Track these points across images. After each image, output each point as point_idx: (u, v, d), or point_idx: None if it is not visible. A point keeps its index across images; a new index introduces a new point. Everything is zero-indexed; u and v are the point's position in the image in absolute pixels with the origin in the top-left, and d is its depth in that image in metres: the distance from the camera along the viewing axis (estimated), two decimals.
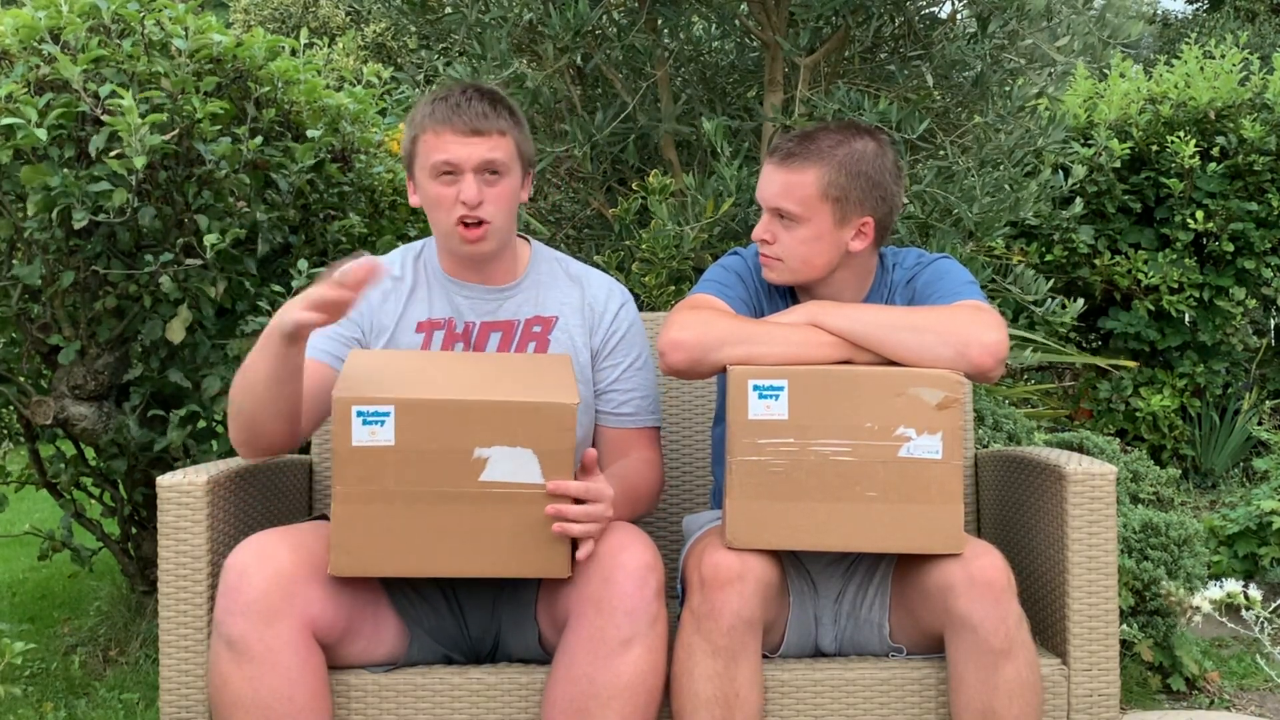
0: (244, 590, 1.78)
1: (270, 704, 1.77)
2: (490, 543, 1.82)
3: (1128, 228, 5.12)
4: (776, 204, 2.03)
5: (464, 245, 2.05)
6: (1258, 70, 5.19)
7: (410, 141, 2.07)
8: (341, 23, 10.95)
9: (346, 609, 1.89)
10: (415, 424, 1.79)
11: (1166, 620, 2.84)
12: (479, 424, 1.80)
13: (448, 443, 1.80)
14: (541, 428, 1.80)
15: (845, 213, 2.01)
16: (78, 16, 2.65)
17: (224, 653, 1.79)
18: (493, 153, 2.01)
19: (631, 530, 1.89)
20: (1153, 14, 16.07)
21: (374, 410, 1.78)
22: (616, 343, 2.15)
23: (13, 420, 3.35)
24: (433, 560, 1.83)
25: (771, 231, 2.05)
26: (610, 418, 2.14)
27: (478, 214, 2.02)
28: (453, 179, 2.02)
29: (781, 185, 2.02)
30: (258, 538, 1.86)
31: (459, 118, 2.01)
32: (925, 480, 1.86)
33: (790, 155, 2.01)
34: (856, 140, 2.03)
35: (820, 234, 2.02)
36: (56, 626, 3.47)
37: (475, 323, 2.11)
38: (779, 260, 2.06)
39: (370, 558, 1.82)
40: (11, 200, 2.71)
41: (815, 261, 2.04)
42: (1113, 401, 5.09)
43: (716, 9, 3.17)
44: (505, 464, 1.80)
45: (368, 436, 1.78)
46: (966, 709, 1.85)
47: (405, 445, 1.79)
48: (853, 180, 2.00)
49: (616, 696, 1.79)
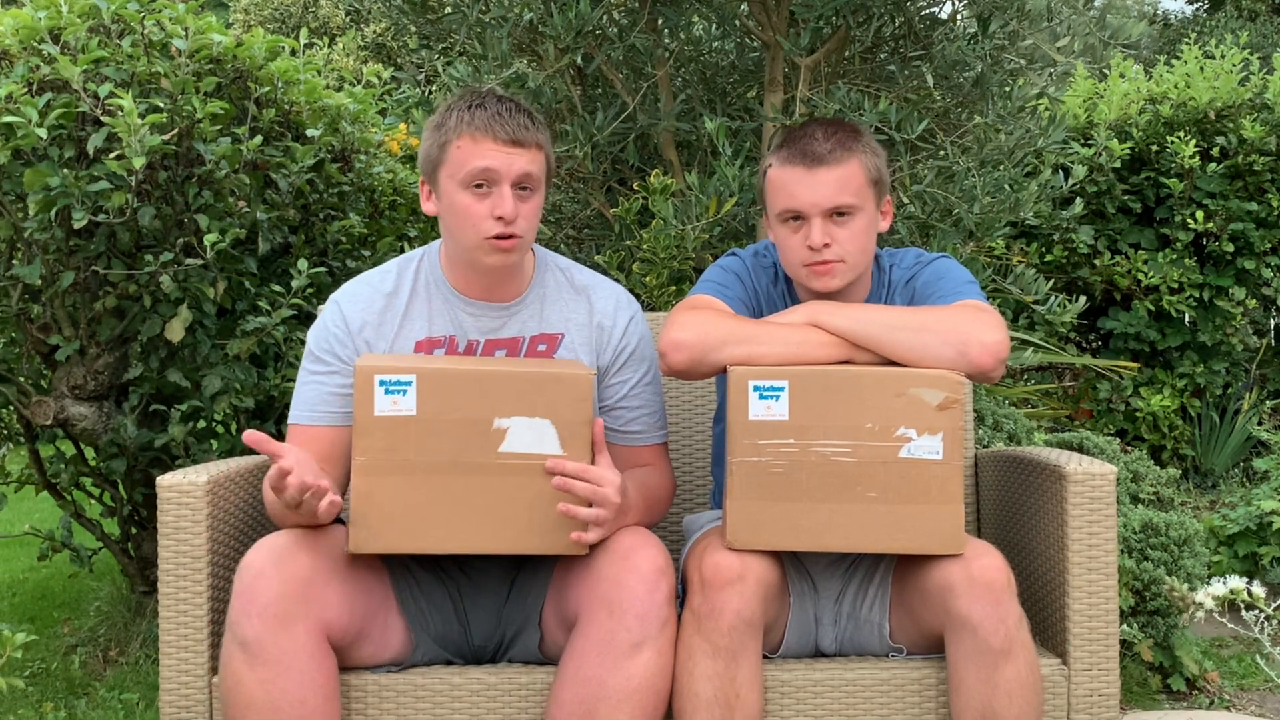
0: (260, 592, 1.77)
1: (282, 707, 1.77)
2: (509, 518, 1.84)
3: (1128, 228, 5.12)
4: (835, 202, 1.99)
5: (493, 256, 1.95)
6: (1258, 70, 5.19)
7: (439, 147, 1.96)
8: (341, 23, 10.96)
9: (360, 612, 1.89)
10: (436, 393, 1.82)
11: (1166, 620, 2.84)
12: (499, 394, 1.83)
13: (468, 412, 1.82)
14: (560, 398, 1.83)
15: (882, 193, 2.07)
16: (78, 17, 2.65)
17: (238, 654, 1.77)
18: (531, 166, 1.94)
19: (644, 534, 1.89)
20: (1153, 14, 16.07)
21: (396, 379, 1.81)
22: (626, 359, 2.09)
23: (13, 420, 3.35)
24: (452, 536, 1.84)
25: (829, 234, 2.00)
26: (618, 436, 2.08)
27: (512, 229, 1.94)
28: (485, 191, 1.93)
29: (835, 182, 1.99)
30: (274, 538, 1.84)
31: (501, 126, 1.92)
32: (926, 481, 1.86)
33: (828, 153, 1.99)
34: (852, 129, 2.06)
35: (870, 220, 2.05)
36: (56, 626, 3.47)
37: (479, 340, 2.04)
38: (840, 262, 2.01)
39: (390, 533, 1.82)
40: (11, 200, 2.71)
41: (870, 249, 2.07)
42: (1113, 402, 5.09)
43: (717, 9, 3.17)
44: (524, 435, 1.83)
45: (390, 406, 1.81)
46: (966, 709, 1.85)
47: (426, 415, 1.81)
48: (879, 161, 2.06)
49: (626, 700, 1.78)
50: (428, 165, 2.00)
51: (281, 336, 2.90)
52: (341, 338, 2.01)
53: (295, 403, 2.03)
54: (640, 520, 1.98)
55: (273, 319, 2.84)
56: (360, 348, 2.02)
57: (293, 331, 2.93)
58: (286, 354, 2.95)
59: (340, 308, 2.04)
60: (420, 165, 2.04)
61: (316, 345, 2.03)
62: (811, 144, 2.01)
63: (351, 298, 2.05)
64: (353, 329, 2.02)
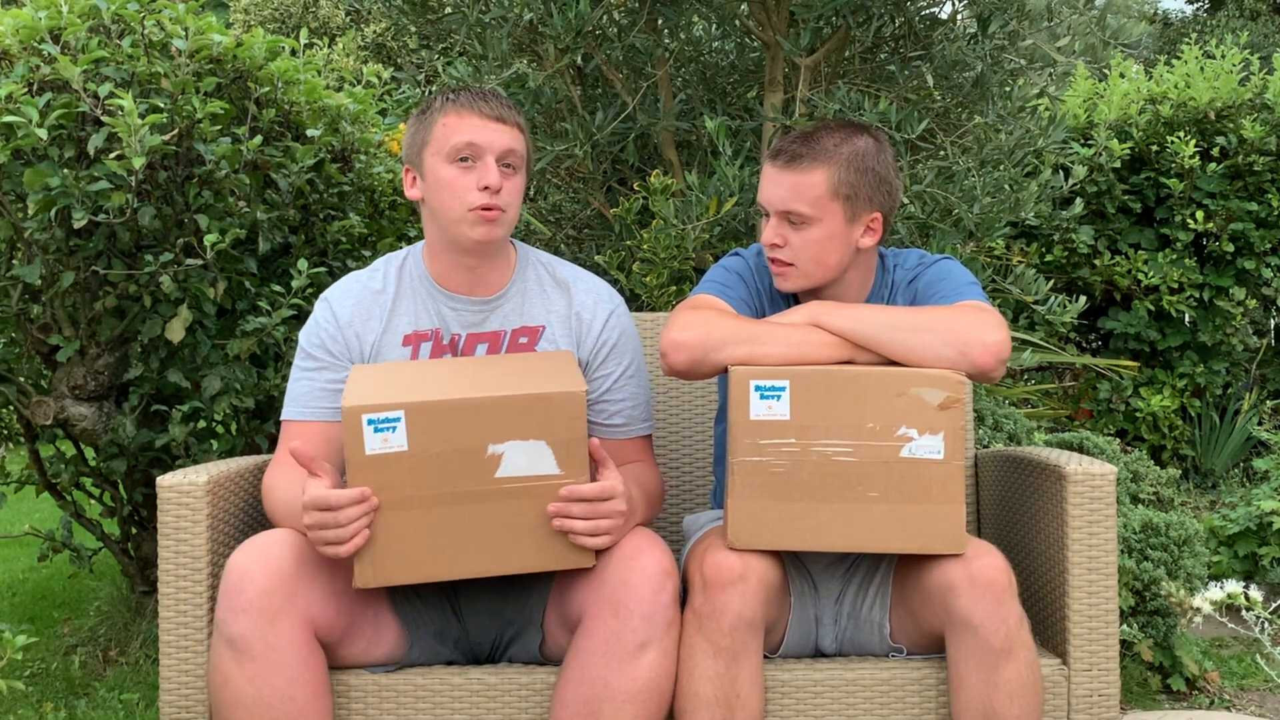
0: (245, 589, 1.78)
1: (271, 703, 1.77)
2: (512, 539, 1.82)
3: (1128, 228, 5.12)
4: (786, 206, 2.01)
5: (478, 229, 1.97)
6: (1258, 70, 5.19)
7: (424, 127, 2.00)
8: (341, 23, 10.96)
9: (348, 609, 1.89)
10: (427, 427, 1.78)
11: (1166, 620, 2.84)
12: (490, 421, 1.79)
13: (461, 443, 1.79)
14: (552, 418, 1.80)
15: (856, 210, 2.01)
16: (78, 17, 2.65)
17: (225, 652, 1.78)
18: (514, 143, 1.99)
19: (648, 535, 1.89)
20: (1153, 14, 16.08)
21: (385, 417, 1.77)
22: (607, 353, 2.10)
23: (13, 420, 3.35)
24: (457, 563, 1.82)
25: (781, 235, 2.03)
26: (601, 429, 2.09)
27: (497, 201, 1.97)
28: (470, 165, 1.97)
29: (790, 187, 2.00)
30: (259, 538, 1.85)
31: (485, 103, 1.98)
32: (927, 480, 1.86)
33: (796, 157, 2.00)
34: (858, 138, 2.03)
35: (832, 233, 2.01)
36: (56, 626, 3.47)
37: (462, 334, 2.06)
38: (791, 265, 2.04)
39: (394, 567, 1.81)
40: (11, 200, 2.71)
41: (828, 261, 2.03)
42: (1113, 402, 5.09)
43: (717, 9, 3.17)
44: (520, 458, 1.80)
45: (380, 444, 1.77)
46: (967, 709, 1.85)
47: (419, 449, 1.78)
48: (861, 177, 2.00)
49: (631, 701, 1.79)
50: (412, 150, 2.03)
51: (281, 336, 2.90)
52: (332, 333, 2.05)
53: (288, 399, 2.06)
54: (643, 519, 1.99)
55: (273, 319, 2.84)
56: (350, 341, 2.05)
57: (293, 331, 2.93)
58: (286, 354, 2.95)
59: (330, 305, 2.08)
60: (404, 154, 2.07)
61: (307, 342, 2.07)
62: (789, 143, 2.03)
63: (340, 295, 2.09)
64: (342, 323, 2.06)
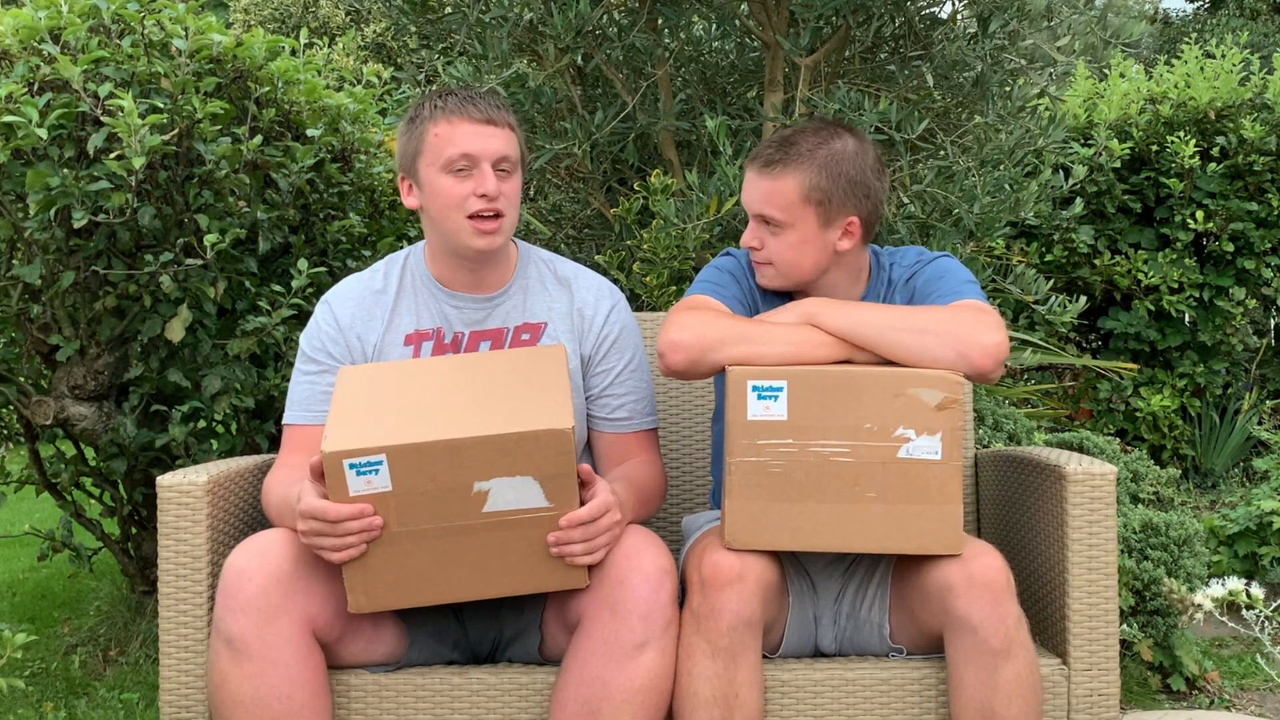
0: (243, 588, 1.78)
1: (269, 702, 1.77)
2: (504, 566, 1.81)
3: (1128, 228, 5.11)
4: (760, 210, 2.04)
5: (477, 239, 1.98)
6: (1258, 70, 5.18)
7: (416, 138, 2.00)
8: (341, 23, 10.96)
9: (346, 608, 1.89)
10: (410, 468, 1.74)
11: (1166, 620, 2.84)
12: (474, 459, 1.75)
13: (446, 481, 1.76)
14: (539, 455, 1.76)
15: (829, 214, 2.01)
16: (78, 17, 2.65)
17: (223, 651, 1.78)
18: (507, 147, 1.99)
19: (646, 534, 1.89)
20: (1153, 13, 16.07)
21: (366, 461, 1.73)
22: (608, 349, 2.12)
23: (13, 420, 3.35)
24: (450, 589, 1.82)
25: (759, 237, 2.06)
26: (605, 423, 2.11)
27: (496, 206, 1.97)
28: (466, 174, 1.97)
29: (763, 192, 2.02)
30: (257, 537, 1.85)
31: (474, 107, 1.98)
32: (925, 481, 1.86)
33: (770, 162, 2.01)
34: (835, 140, 2.02)
35: (806, 237, 2.02)
36: (56, 626, 3.47)
37: (464, 332, 2.07)
38: (769, 265, 2.07)
39: (386, 594, 1.81)
40: (11, 200, 2.71)
41: (804, 264, 2.05)
42: (1113, 402, 5.09)
43: (717, 9, 3.17)
44: (507, 493, 1.77)
45: (364, 486, 1.74)
46: (966, 709, 1.85)
47: (403, 489, 1.75)
48: (834, 181, 2.00)
49: (629, 700, 1.79)
50: (406, 159, 2.04)
51: (281, 336, 2.90)
52: (333, 335, 2.05)
53: (290, 403, 2.06)
54: (636, 517, 1.98)
55: (273, 319, 2.85)
56: (352, 344, 2.05)
57: (293, 331, 2.93)
58: (286, 354, 2.96)
59: (331, 307, 2.08)
60: (398, 162, 2.07)
61: (309, 345, 2.07)
62: (765, 148, 2.04)
63: (341, 297, 2.09)
64: (343, 326, 2.06)
